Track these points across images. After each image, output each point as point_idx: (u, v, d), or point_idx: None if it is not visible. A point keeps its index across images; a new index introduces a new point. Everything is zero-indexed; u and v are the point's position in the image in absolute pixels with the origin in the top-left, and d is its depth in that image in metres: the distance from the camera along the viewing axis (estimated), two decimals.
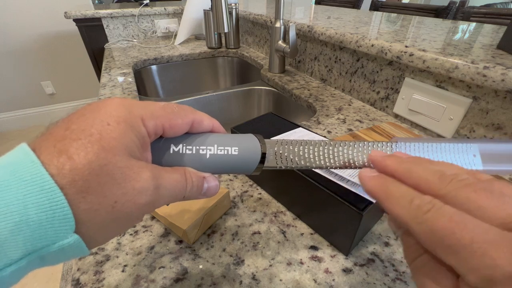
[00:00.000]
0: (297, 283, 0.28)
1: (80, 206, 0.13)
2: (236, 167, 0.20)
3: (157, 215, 0.34)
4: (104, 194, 0.13)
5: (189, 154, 0.19)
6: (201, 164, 0.19)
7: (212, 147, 0.20)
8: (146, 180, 0.15)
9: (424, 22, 0.77)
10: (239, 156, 0.20)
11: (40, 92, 2.23)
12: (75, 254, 0.14)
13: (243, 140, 0.20)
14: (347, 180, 0.29)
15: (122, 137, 0.14)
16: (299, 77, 0.82)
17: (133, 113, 0.16)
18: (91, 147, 0.13)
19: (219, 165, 0.20)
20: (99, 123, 0.14)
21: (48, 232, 0.12)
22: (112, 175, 0.14)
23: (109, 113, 0.15)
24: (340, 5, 1.85)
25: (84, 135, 0.13)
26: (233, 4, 1.05)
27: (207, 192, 0.19)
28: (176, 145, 0.19)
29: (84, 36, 1.31)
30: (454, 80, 0.47)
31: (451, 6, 1.29)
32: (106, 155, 0.14)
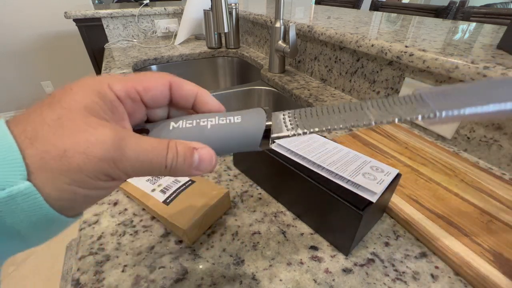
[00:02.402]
0: (297, 283, 0.28)
1: (28, 152, 0.13)
2: (240, 138, 0.18)
3: (157, 215, 0.34)
4: (52, 143, 0.13)
5: (189, 127, 0.18)
6: (202, 137, 0.18)
7: (214, 119, 0.18)
8: (104, 134, 0.14)
9: (424, 22, 0.77)
10: (242, 124, 0.18)
11: (40, 92, 2.23)
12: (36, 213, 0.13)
13: (247, 111, 0.19)
14: (347, 180, 0.29)
15: (84, 99, 0.15)
16: (299, 77, 0.82)
17: (99, 80, 0.16)
18: (50, 105, 0.14)
19: (222, 136, 0.18)
20: (64, 90, 0.15)
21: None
22: (65, 126, 0.13)
23: (76, 83, 0.15)
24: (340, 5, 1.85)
25: (47, 99, 0.15)
26: (233, 4, 1.05)
27: (199, 165, 0.17)
28: (176, 122, 0.18)
29: (84, 36, 1.31)
30: (454, 80, 0.47)
31: (451, 6, 1.29)
32: (61, 111, 0.14)
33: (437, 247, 0.30)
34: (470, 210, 0.34)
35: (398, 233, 0.33)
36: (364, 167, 0.31)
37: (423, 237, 0.31)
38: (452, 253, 0.29)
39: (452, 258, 0.29)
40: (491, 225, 0.32)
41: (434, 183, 0.38)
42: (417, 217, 0.33)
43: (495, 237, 0.30)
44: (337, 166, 0.31)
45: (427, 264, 0.30)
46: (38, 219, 0.13)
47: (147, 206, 0.34)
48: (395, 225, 0.34)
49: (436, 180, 0.38)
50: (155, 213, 0.34)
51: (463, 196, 0.36)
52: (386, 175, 0.30)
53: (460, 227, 0.31)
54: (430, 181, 0.38)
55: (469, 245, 0.29)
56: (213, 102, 0.20)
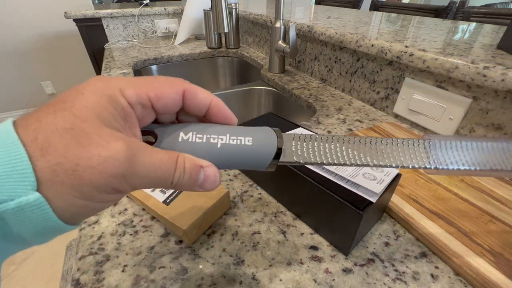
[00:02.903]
0: (297, 283, 0.28)
1: (38, 164, 0.12)
2: (249, 160, 0.18)
3: (157, 215, 0.34)
4: (64, 155, 0.13)
5: (198, 142, 0.18)
6: (211, 154, 0.18)
7: (224, 136, 0.18)
8: (116, 150, 0.14)
9: (424, 22, 0.77)
10: (252, 148, 0.18)
11: (40, 92, 2.23)
12: (43, 224, 0.13)
13: (258, 131, 0.19)
14: (347, 180, 0.29)
15: (96, 106, 0.14)
16: (299, 77, 0.82)
17: (111, 84, 0.15)
18: (61, 111, 0.13)
19: (231, 156, 0.18)
20: (74, 93, 0.14)
21: (5, 186, 0.12)
22: (77, 139, 0.13)
23: (86, 85, 0.15)
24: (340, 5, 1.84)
25: (57, 103, 0.14)
26: (233, 4, 1.05)
27: (203, 183, 0.17)
28: (185, 133, 0.18)
29: (84, 36, 1.31)
30: (454, 80, 0.47)
31: (451, 6, 1.29)
32: (74, 120, 0.13)
33: (437, 247, 0.30)
34: (470, 210, 0.34)
35: (398, 233, 0.33)
36: (364, 167, 0.31)
37: (423, 237, 0.31)
38: (452, 253, 0.29)
39: (452, 258, 0.29)
40: (491, 225, 0.32)
41: (434, 183, 0.38)
42: (417, 217, 0.33)
43: (495, 237, 0.30)
44: (337, 166, 0.31)
45: (427, 264, 0.30)
46: (42, 227, 0.13)
47: (147, 206, 0.34)
48: (395, 225, 0.34)
49: (436, 180, 0.38)
50: (155, 213, 0.34)
51: (463, 196, 0.36)
52: (386, 175, 0.30)
53: (460, 227, 0.31)
54: (430, 181, 0.38)
55: (469, 245, 0.29)
56: (226, 113, 0.20)
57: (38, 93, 2.22)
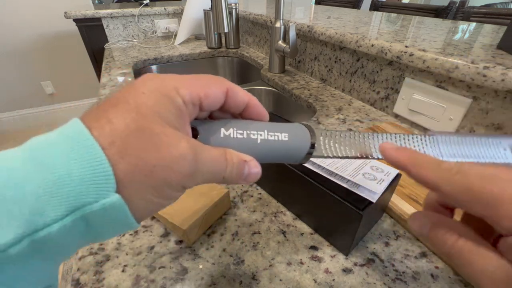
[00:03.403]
0: (297, 283, 0.28)
1: (119, 166, 0.13)
2: (285, 155, 0.20)
3: (157, 215, 0.34)
4: (141, 157, 0.13)
5: (240, 138, 0.19)
6: (251, 149, 0.19)
7: (263, 132, 0.19)
8: (185, 149, 0.15)
9: (424, 22, 0.77)
10: (289, 143, 0.20)
11: (40, 92, 2.23)
12: (120, 222, 0.14)
13: (292, 128, 0.20)
14: (347, 180, 0.29)
15: (157, 105, 0.15)
16: (299, 77, 0.82)
17: (167, 82, 0.16)
18: (128, 112, 0.14)
19: (269, 151, 0.19)
20: (134, 93, 0.15)
21: (90, 188, 0.12)
22: (150, 140, 0.14)
23: (143, 84, 0.15)
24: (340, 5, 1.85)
25: (121, 103, 0.14)
26: (233, 4, 1.05)
27: (247, 177, 0.18)
28: (226, 129, 0.19)
29: (84, 36, 1.31)
30: (454, 80, 0.47)
31: (451, 6, 1.29)
32: (143, 121, 0.14)
33: None
34: None
35: (398, 233, 0.33)
36: (364, 167, 0.31)
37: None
38: None
39: None
40: None
41: None
42: None
43: None
44: (337, 166, 0.31)
45: (427, 264, 0.30)
46: (118, 225, 0.14)
47: None
48: (395, 225, 0.34)
49: None
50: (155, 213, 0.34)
51: None
52: (386, 175, 0.30)
53: None
54: None
55: None
56: (260, 110, 0.21)
57: (38, 93, 2.22)
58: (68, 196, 0.12)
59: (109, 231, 0.14)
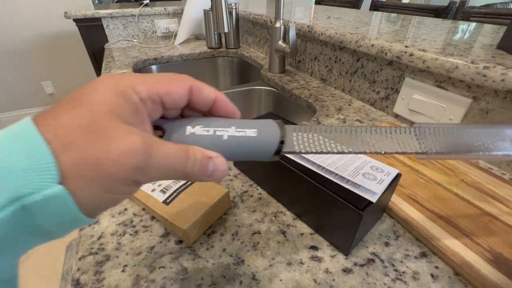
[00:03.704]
0: (297, 283, 0.28)
1: (63, 158, 0.13)
2: (254, 151, 0.19)
3: (157, 215, 0.34)
4: (86, 150, 0.13)
5: (205, 135, 0.18)
6: (218, 146, 0.18)
7: (230, 129, 0.19)
8: (134, 143, 0.14)
9: (424, 22, 0.77)
10: (257, 139, 0.19)
11: (40, 92, 2.23)
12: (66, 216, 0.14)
13: (262, 124, 0.20)
14: (347, 180, 0.29)
15: (110, 102, 0.15)
16: (299, 77, 0.82)
17: (123, 81, 0.16)
18: (77, 108, 0.14)
19: (237, 147, 0.19)
20: (87, 91, 0.15)
21: (32, 179, 0.12)
22: (97, 133, 0.14)
23: (98, 82, 0.16)
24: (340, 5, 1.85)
25: (73, 101, 0.15)
26: (233, 4, 1.05)
27: (212, 174, 0.18)
28: (192, 126, 0.19)
29: (84, 36, 1.31)
30: (454, 80, 0.47)
31: (451, 6, 1.29)
32: (92, 116, 0.14)
33: (437, 247, 0.30)
34: (470, 210, 0.34)
35: (398, 233, 0.33)
36: (364, 167, 0.31)
37: (423, 237, 0.31)
38: (452, 253, 0.29)
39: (452, 258, 0.29)
40: (491, 225, 0.32)
41: (434, 183, 0.38)
42: (417, 217, 0.33)
43: (495, 237, 0.30)
44: (337, 166, 0.31)
45: (427, 264, 0.30)
46: (66, 220, 0.14)
47: (147, 206, 0.34)
48: (395, 225, 0.34)
49: (436, 180, 0.38)
50: (155, 213, 0.34)
51: (463, 196, 0.36)
52: (386, 175, 0.30)
53: (460, 227, 0.31)
54: (430, 181, 0.38)
55: (469, 245, 0.29)
56: (229, 107, 0.21)
57: (38, 93, 2.22)
58: (9, 187, 0.12)
59: (59, 225, 0.14)
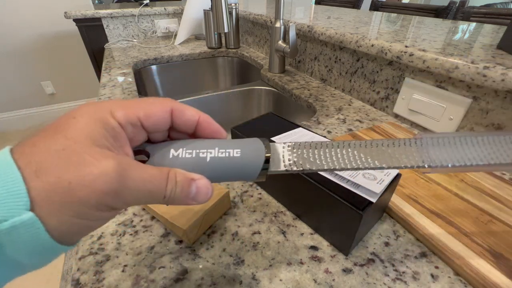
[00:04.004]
0: (297, 283, 0.28)
1: (33, 185, 0.13)
2: (238, 172, 0.19)
3: (157, 215, 0.34)
4: (58, 175, 0.13)
5: (188, 158, 0.18)
6: (201, 168, 0.18)
7: (213, 150, 0.18)
8: (107, 167, 0.14)
9: (424, 22, 0.77)
10: (241, 159, 0.18)
11: (40, 92, 2.23)
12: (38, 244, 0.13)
13: (246, 143, 0.19)
14: (347, 180, 0.29)
15: (86, 128, 0.15)
16: (299, 77, 0.82)
17: (101, 107, 0.16)
18: (53, 135, 0.14)
19: (221, 168, 0.18)
20: (65, 118, 0.15)
21: (2, 207, 0.12)
22: (69, 159, 0.14)
23: (77, 110, 0.16)
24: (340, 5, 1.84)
25: (51, 128, 0.15)
26: (233, 4, 1.05)
27: (196, 196, 0.18)
28: (176, 149, 0.18)
29: (84, 36, 1.31)
30: (454, 80, 0.47)
31: (451, 6, 1.29)
32: (65, 142, 0.14)
33: (437, 247, 0.30)
34: (470, 210, 0.34)
35: (398, 233, 0.33)
36: None
37: (423, 237, 0.31)
38: (452, 253, 0.29)
39: (452, 258, 0.29)
40: (491, 225, 0.32)
41: (434, 183, 0.38)
42: (417, 217, 0.33)
43: (495, 237, 0.30)
44: None
45: (427, 264, 0.30)
46: (37, 248, 0.13)
47: (147, 206, 0.34)
48: (395, 225, 0.34)
49: (436, 180, 0.38)
50: (155, 213, 0.34)
51: (463, 196, 0.36)
52: (386, 175, 0.30)
53: (460, 227, 0.31)
54: (430, 181, 0.38)
55: (469, 245, 0.29)
56: (214, 128, 0.20)
57: (38, 93, 2.22)
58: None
59: (31, 255, 0.14)
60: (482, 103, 0.45)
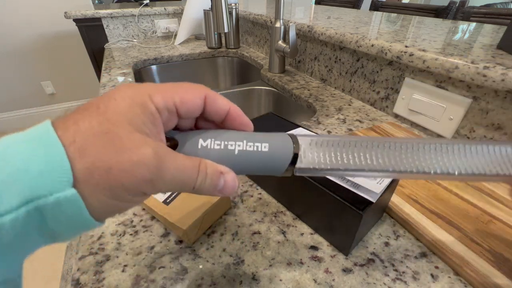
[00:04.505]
0: (297, 283, 0.28)
1: (77, 164, 0.13)
2: (265, 166, 0.19)
3: (157, 215, 0.34)
4: (100, 158, 0.14)
5: (217, 149, 0.18)
6: (229, 160, 0.18)
7: (241, 143, 0.19)
8: (146, 155, 0.15)
9: (424, 22, 0.77)
10: (269, 154, 0.19)
11: (40, 92, 2.23)
12: (76, 219, 0.14)
13: (275, 138, 0.19)
14: (347, 180, 0.29)
15: (127, 111, 0.15)
16: (299, 77, 0.82)
17: (140, 90, 0.16)
18: (95, 116, 0.15)
19: (248, 162, 0.19)
20: (106, 99, 0.15)
21: (47, 182, 0.13)
22: (112, 142, 0.14)
23: (117, 91, 0.16)
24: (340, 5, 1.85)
25: (92, 108, 0.15)
26: (233, 4, 1.05)
27: (223, 189, 0.18)
28: (204, 139, 0.18)
29: (84, 36, 1.31)
30: (454, 80, 0.47)
31: (451, 6, 1.29)
32: (108, 124, 0.14)
33: (437, 247, 0.30)
34: (470, 210, 0.34)
35: (398, 233, 0.33)
36: None
37: (423, 237, 0.31)
38: (452, 253, 0.29)
39: (452, 258, 0.29)
40: (491, 225, 0.32)
41: (434, 183, 0.38)
42: (417, 217, 0.33)
43: (495, 237, 0.30)
44: None
45: (427, 264, 0.30)
46: (75, 222, 0.14)
47: (147, 206, 0.34)
48: (395, 225, 0.34)
49: (436, 180, 0.38)
50: (155, 213, 0.34)
51: (463, 196, 0.36)
52: None
53: (460, 227, 0.31)
54: (430, 181, 0.38)
55: (469, 245, 0.29)
56: (243, 120, 0.20)
57: (38, 93, 2.21)
58: (24, 188, 0.12)
59: (67, 228, 0.14)
60: (482, 103, 0.45)
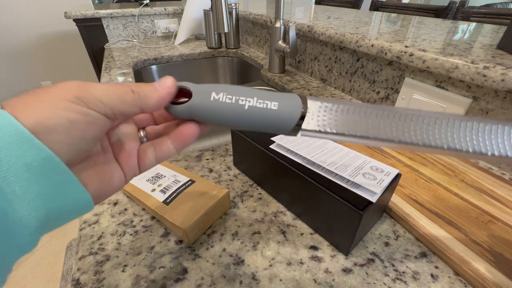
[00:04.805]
0: (297, 283, 0.28)
1: (6, 102, 0.15)
2: (273, 124, 0.19)
3: (157, 215, 0.34)
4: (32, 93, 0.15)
5: (228, 103, 0.19)
6: (238, 115, 0.19)
7: (252, 99, 0.19)
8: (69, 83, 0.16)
9: (424, 22, 0.77)
10: (278, 112, 0.19)
11: None
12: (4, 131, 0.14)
13: (285, 97, 0.20)
14: (347, 180, 0.29)
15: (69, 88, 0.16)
16: (299, 77, 0.82)
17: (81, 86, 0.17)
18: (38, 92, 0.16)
19: (257, 118, 0.19)
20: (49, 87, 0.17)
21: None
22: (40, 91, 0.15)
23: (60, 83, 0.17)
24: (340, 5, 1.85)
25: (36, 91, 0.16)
26: (233, 4, 1.05)
27: (161, 82, 0.19)
28: (217, 92, 0.19)
29: (84, 36, 1.31)
30: (454, 80, 0.47)
31: (451, 6, 1.29)
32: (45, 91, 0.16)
33: (437, 247, 0.30)
34: (470, 210, 0.34)
35: (398, 233, 0.33)
36: (364, 167, 0.31)
37: (423, 237, 0.31)
38: (452, 253, 0.29)
39: (452, 258, 0.29)
40: (491, 225, 0.32)
41: (434, 183, 0.38)
42: (417, 217, 0.33)
43: (495, 237, 0.30)
44: (337, 166, 0.31)
45: (427, 264, 0.30)
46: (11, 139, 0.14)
47: (147, 206, 0.34)
48: (395, 225, 0.34)
49: (436, 180, 0.38)
50: (155, 213, 0.34)
51: (463, 196, 0.36)
52: (386, 175, 0.30)
53: (460, 227, 0.31)
54: (430, 181, 0.38)
55: (469, 245, 0.29)
56: None
57: None
58: None
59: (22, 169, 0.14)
60: (482, 103, 0.45)
